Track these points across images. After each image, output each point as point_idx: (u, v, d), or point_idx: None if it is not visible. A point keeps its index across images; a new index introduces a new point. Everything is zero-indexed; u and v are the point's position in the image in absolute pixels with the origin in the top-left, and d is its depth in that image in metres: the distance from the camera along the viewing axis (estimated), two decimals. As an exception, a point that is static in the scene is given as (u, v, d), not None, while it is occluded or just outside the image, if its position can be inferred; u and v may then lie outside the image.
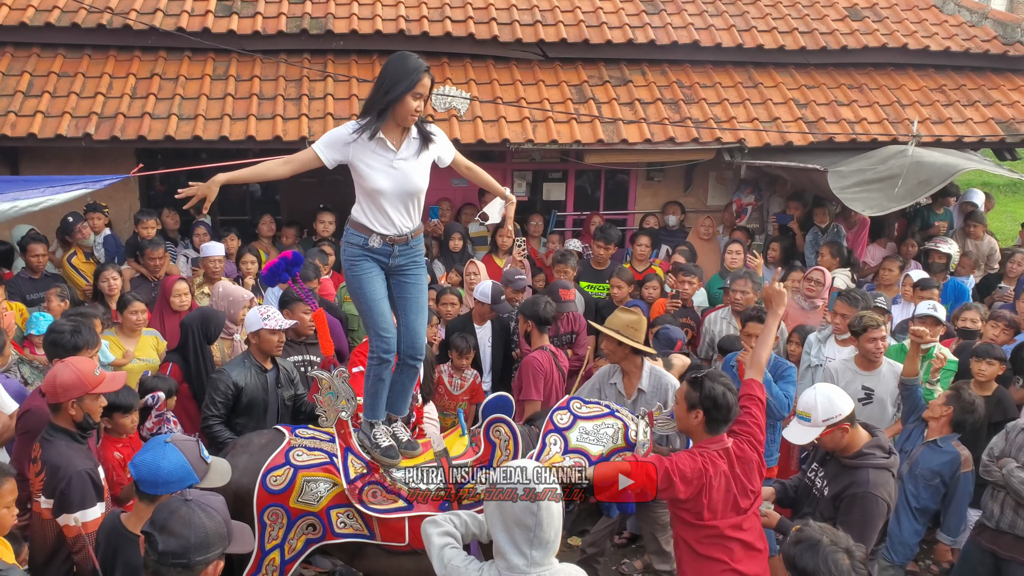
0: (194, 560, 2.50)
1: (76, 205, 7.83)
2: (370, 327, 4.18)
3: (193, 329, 5.67)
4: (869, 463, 3.99)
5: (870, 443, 4.05)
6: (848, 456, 4.06)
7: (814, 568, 2.79)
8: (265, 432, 4.54)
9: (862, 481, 3.93)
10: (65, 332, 4.66)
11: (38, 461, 3.87)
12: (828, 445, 4.12)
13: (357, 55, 9.27)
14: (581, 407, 4.56)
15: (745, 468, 3.76)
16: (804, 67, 10.02)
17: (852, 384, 5.56)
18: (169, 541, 2.50)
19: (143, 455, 3.27)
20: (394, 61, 3.94)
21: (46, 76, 8.46)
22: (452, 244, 8.32)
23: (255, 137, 8.13)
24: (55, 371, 3.95)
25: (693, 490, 3.68)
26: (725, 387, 3.75)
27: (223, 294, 6.43)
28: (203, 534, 2.53)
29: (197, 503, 2.60)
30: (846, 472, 4.04)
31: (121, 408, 4.53)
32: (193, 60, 8.96)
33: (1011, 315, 6.56)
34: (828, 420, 4.00)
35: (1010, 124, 9.53)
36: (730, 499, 3.71)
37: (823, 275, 7.06)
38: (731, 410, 3.78)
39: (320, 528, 4.16)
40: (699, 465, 3.69)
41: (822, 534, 2.87)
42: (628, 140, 8.74)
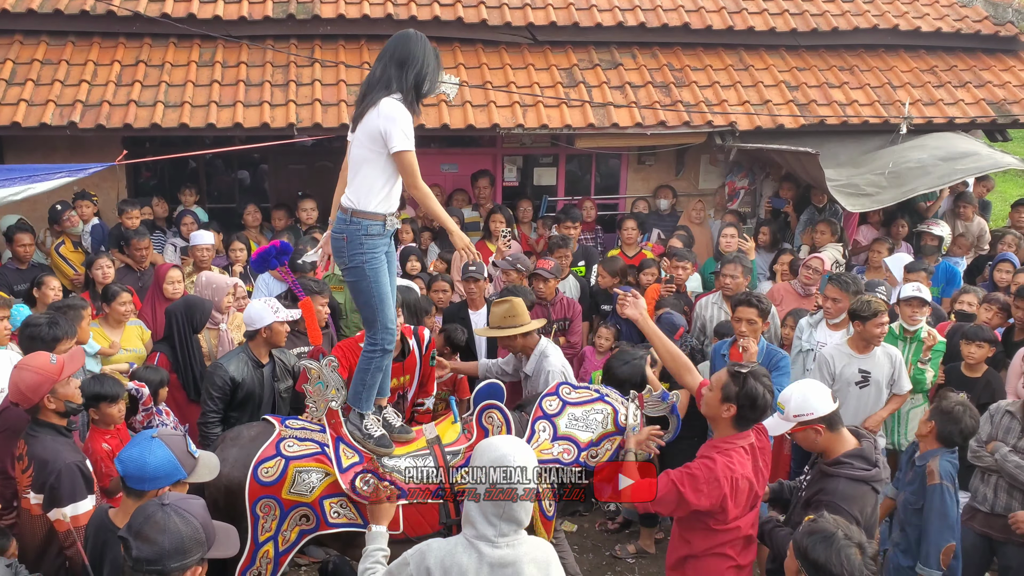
0: (169, 567, 2.46)
1: (64, 194, 7.77)
2: (377, 320, 4.16)
3: (178, 318, 5.62)
4: (844, 473, 3.74)
5: (851, 452, 3.80)
6: (826, 462, 3.85)
7: (826, 560, 2.77)
8: (254, 424, 4.51)
9: (830, 490, 3.72)
10: (42, 325, 4.61)
11: (24, 458, 3.84)
12: (802, 443, 3.97)
13: (344, 40, 9.18)
14: (570, 392, 4.55)
15: (765, 459, 3.74)
16: (795, 49, 9.98)
17: (849, 367, 5.55)
18: (143, 548, 2.45)
19: (129, 451, 3.23)
20: (422, 50, 4.01)
21: (29, 64, 8.35)
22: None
23: (242, 124, 8.05)
24: (15, 379, 3.90)
25: (711, 500, 3.54)
26: (766, 388, 3.62)
27: (206, 282, 6.39)
28: (178, 540, 2.48)
29: (174, 507, 2.54)
30: (821, 479, 3.84)
31: (107, 398, 4.50)
32: (179, 47, 8.85)
33: (1005, 298, 6.56)
34: (799, 416, 3.80)
35: (1001, 105, 9.51)
36: (751, 496, 3.67)
37: (821, 263, 7.05)
38: (765, 411, 3.68)
39: (314, 519, 4.14)
40: (716, 472, 3.54)
41: (836, 527, 2.85)
42: (619, 124, 8.69)
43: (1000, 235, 8.62)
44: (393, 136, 3.87)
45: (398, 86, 3.95)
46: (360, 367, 4.28)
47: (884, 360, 5.62)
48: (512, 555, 2.83)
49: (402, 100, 3.95)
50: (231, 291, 6.22)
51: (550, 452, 4.30)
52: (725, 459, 3.59)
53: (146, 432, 3.35)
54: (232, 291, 6.23)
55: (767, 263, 8.43)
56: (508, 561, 2.82)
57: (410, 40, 4.01)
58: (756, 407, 3.62)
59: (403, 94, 3.95)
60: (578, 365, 6.64)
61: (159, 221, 8.58)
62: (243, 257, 7.42)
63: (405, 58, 3.97)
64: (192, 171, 9.95)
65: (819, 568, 2.79)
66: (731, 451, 3.63)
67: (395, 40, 4.05)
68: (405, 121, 3.91)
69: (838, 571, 2.76)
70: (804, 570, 2.84)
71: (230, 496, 4.07)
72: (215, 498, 4.07)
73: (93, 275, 6.55)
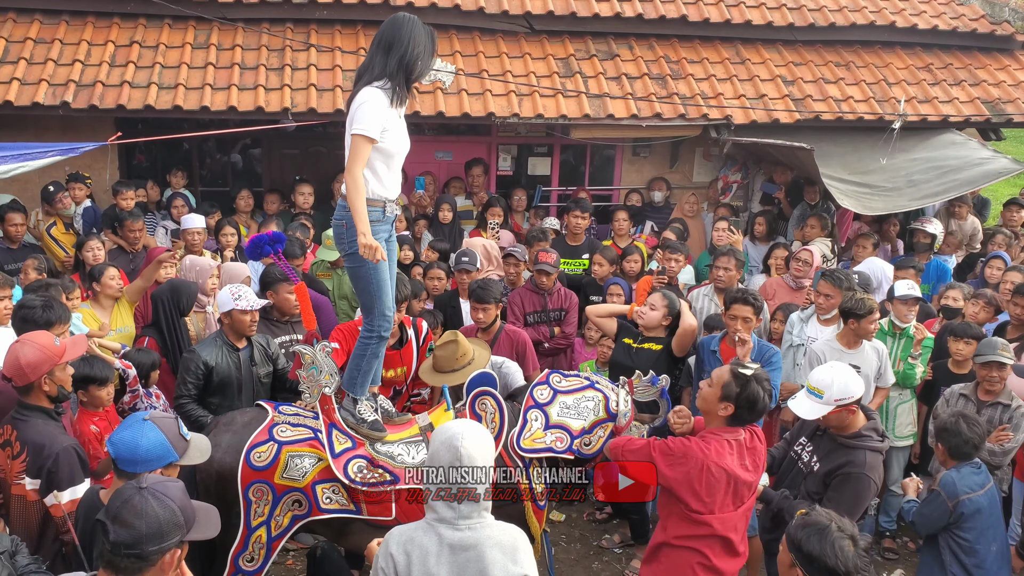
0: (147, 550, 2.45)
1: (56, 174, 7.73)
2: (375, 307, 4.16)
3: (163, 301, 5.62)
4: (866, 445, 4.06)
5: (867, 426, 4.12)
6: (846, 436, 4.11)
7: (820, 553, 2.79)
8: (248, 410, 4.50)
9: (859, 462, 4.00)
10: (36, 308, 4.52)
11: (14, 443, 3.76)
12: (831, 423, 4.15)
13: (341, 25, 9.14)
14: (561, 381, 4.57)
15: (753, 459, 3.77)
16: (792, 44, 9.98)
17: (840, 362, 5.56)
18: (120, 532, 2.44)
19: (121, 433, 3.22)
20: (411, 32, 3.95)
21: (22, 42, 8.28)
22: (442, 216, 8.26)
23: (236, 108, 8.00)
24: (15, 352, 3.81)
25: (675, 474, 3.65)
26: (767, 393, 3.73)
27: (190, 266, 6.38)
28: (156, 524, 2.47)
29: (151, 491, 2.53)
30: (842, 451, 4.09)
31: (96, 380, 4.47)
32: (173, 28, 8.79)
33: (992, 293, 6.59)
34: (840, 400, 4.04)
35: (996, 104, 9.54)
36: (730, 491, 3.69)
37: (811, 255, 7.06)
38: (761, 415, 3.79)
39: (306, 504, 4.14)
40: (689, 450, 3.65)
41: (830, 520, 2.87)
42: (614, 115, 8.68)
43: (991, 234, 8.65)
44: (355, 119, 3.87)
45: (381, 71, 3.93)
46: (356, 352, 4.28)
47: (872, 355, 5.67)
48: (473, 538, 2.82)
49: (385, 86, 3.91)
50: (215, 273, 6.20)
51: (543, 441, 4.31)
52: (702, 443, 3.69)
53: (138, 414, 3.33)
54: (216, 273, 6.22)
55: (760, 256, 8.45)
56: (469, 544, 2.81)
57: (397, 23, 3.97)
58: (755, 410, 3.72)
59: (388, 79, 3.92)
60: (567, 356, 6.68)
61: (151, 204, 8.54)
62: (233, 242, 7.39)
63: (391, 42, 3.93)
64: (185, 154, 9.90)
65: (813, 560, 2.81)
66: (711, 439, 3.72)
67: (385, 24, 4.02)
68: (372, 106, 3.86)
69: (832, 563, 2.78)
70: (798, 563, 2.85)
71: (222, 482, 4.07)
72: (207, 484, 4.07)
73: (83, 257, 6.52)
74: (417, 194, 8.78)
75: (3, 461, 3.81)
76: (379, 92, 3.89)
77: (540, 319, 6.48)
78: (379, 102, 3.88)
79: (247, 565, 4.12)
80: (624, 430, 4.38)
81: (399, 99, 3.96)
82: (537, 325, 6.47)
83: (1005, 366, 5.06)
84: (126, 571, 2.46)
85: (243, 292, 5.07)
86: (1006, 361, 5.03)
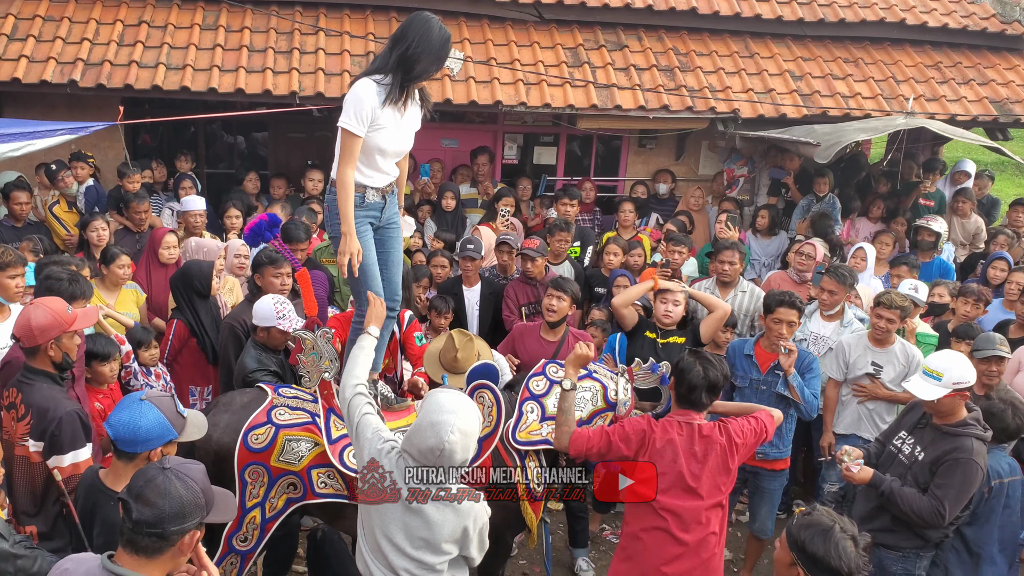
0: (169, 530, 2.47)
1: (61, 153, 7.72)
2: (362, 292, 4.13)
3: (177, 287, 5.66)
4: (972, 432, 4.15)
5: (971, 416, 4.23)
6: (951, 424, 4.21)
7: (824, 553, 2.79)
8: (248, 391, 4.50)
9: (966, 448, 4.10)
10: (63, 280, 4.57)
11: (19, 406, 3.82)
12: (942, 408, 4.22)
13: (350, 9, 9.13)
14: (557, 371, 4.54)
15: (705, 448, 3.74)
16: (801, 39, 9.95)
17: (863, 358, 5.54)
18: (144, 511, 2.46)
19: (119, 414, 3.23)
20: (420, 31, 3.81)
21: (31, 20, 8.28)
22: (445, 204, 8.26)
23: (244, 90, 8.00)
24: (28, 314, 3.87)
25: (634, 448, 3.75)
26: (704, 368, 3.74)
27: (196, 248, 6.38)
28: (179, 504, 2.49)
29: (175, 472, 2.55)
30: (947, 439, 4.18)
31: (99, 356, 4.51)
32: (182, 8, 8.78)
33: (978, 287, 6.61)
34: (958, 384, 4.13)
35: (1004, 104, 9.51)
36: (676, 472, 3.70)
37: (814, 248, 7.06)
38: (694, 390, 3.75)
39: (301, 488, 4.15)
40: (642, 426, 3.78)
41: (832, 521, 2.88)
42: (622, 106, 8.67)
43: (994, 234, 8.63)
44: (343, 111, 3.82)
45: (381, 64, 3.87)
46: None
47: (900, 357, 5.52)
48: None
49: (382, 80, 3.83)
50: (222, 255, 6.20)
51: (539, 433, 4.30)
52: (648, 421, 3.82)
53: (134, 395, 3.35)
54: (223, 254, 6.21)
55: (764, 249, 8.45)
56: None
57: (413, 20, 3.87)
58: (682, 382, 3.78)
59: (386, 74, 3.85)
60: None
61: (157, 185, 8.54)
62: (238, 224, 7.38)
63: (399, 37, 3.85)
64: (191, 135, 9.89)
65: (817, 561, 2.81)
66: (663, 420, 3.81)
67: (404, 20, 3.95)
68: (356, 98, 3.79)
69: (836, 564, 2.78)
70: (800, 563, 2.85)
71: (219, 461, 4.09)
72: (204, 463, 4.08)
73: (88, 236, 6.53)
74: (422, 181, 8.78)
75: (8, 423, 3.88)
76: (370, 85, 3.82)
77: (534, 310, 6.46)
78: (366, 95, 3.79)
79: (240, 545, 4.15)
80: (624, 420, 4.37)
81: (393, 97, 3.85)
82: (532, 316, 6.46)
83: (1004, 360, 5.09)
84: (146, 550, 2.48)
85: (287, 311, 4.81)
86: (1005, 355, 5.07)
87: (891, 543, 4.31)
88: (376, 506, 3.16)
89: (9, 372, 4.20)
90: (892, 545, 4.32)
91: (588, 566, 5.64)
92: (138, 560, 2.48)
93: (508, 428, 4.28)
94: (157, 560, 2.50)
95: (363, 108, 3.78)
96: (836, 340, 5.89)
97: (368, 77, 3.85)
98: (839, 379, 5.69)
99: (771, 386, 5.26)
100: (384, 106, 3.84)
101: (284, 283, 5.48)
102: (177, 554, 2.54)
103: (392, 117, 3.91)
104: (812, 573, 2.83)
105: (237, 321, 5.38)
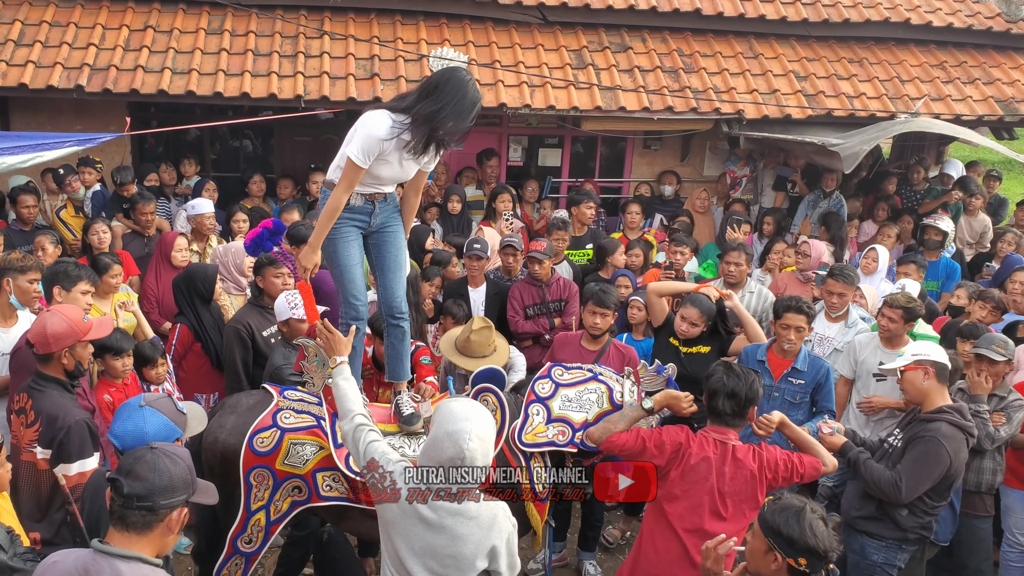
0: (159, 503, 2.52)
1: (68, 158, 7.75)
2: (339, 293, 4.13)
3: (180, 290, 5.68)
4: (944, 417, 4.28)
5: (951, 406, 4.35)
6: (927, 412, 4.35)
7: (800, 534, 2.81)
8: (254, 392, 4.53)
9: (933, 429, 4.24)
10: (70, 263, 4.76)
11: (29, 412, 3.85)
12: (908, 389, 4.43)
13: (355, 13, 9.15)
14: (563, 374, 4.55)
15: (735, 471, 3.72)
16: (805, 39, 9.94)
17: (872, 358, 5.50)
18: (134, 484, 2.51)
19: (123, 425, 3.28)
20: (456, 93, 3.64)
21: (38, 25, 8.33)
22: (451, 207, 8.28)
23: (249, 94, 8.03)
24: (44, 321, 3.92)
25: (667, 457, 3.75)
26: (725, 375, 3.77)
27: (224, 251, 6.47)
28: (167, 477, 2.55)
29: (162, 450, 2.61)
30: (920, 424, 4.34)
31: (112, 350, 4.59)
32: (188, 13, 8.83)
33: (1000, 294, 6.57)
34: (917, 356, 4.35)
35: (1009, 103, 9.49)
36: (706, 489, 3.68)
37: (809, 247, 7.06)
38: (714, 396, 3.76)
39: (306, 491, 4.17)
40: (679, 438, 3.76)
41: (803, 502, 2.91)
42: (626, 108, 8.68)
43: (1001, 233, 8.59)
44: (351, 140, 3.75)
45: (409, 107, 3.70)
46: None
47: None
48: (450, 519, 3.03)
49: (402, 122, 3.68)
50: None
51: (545, 435, 4.30)
52: (687, 434, 3.80)
53: (131, 402, 3.40)
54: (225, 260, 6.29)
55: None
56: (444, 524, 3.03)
57: (449, 79, 3.67)
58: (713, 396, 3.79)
59: (410, 119, 3.69)
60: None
61: (166, 188, 8.56)
62: (245, 227, 7.40)
63: (432, 90, 3.67)
64: (196, 139, 9.93)
65: (793, 542, 2.82)
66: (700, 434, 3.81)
67: (442, 71, 3.79)
68: (370, 135, 3.68)
69: (812, 543, 2.80)
70: (776, 547, 2.86)
71: (225, 462, 4.11)
72: (211, 464, 4.11)
73: (89, 240, 6.56)
74: (427, 184, 8.79)
75: (17, 428, 3.91)
76: (385, 120, 3.70)
77: (540, 311, 6.47)
78: (378, 130, 3.68)
79: (245, 547, 4.18)
80: None
81: (411, 147, 3.71)
82: (537, 317, 6.46)
83: (996, 363, 5.00)
84: (136, 526, 2.53)
85: (299, 302, 4.96)
86: (996, 358, 5.00)
87: (874, 532, 4.40)
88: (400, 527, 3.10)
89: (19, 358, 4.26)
90: (875, 534, 4.41)
91: (595, 570, 5.63)
92: (128, 536, 2.53)
93: (514, 430, 4.29)
94: (147, 536, 2.55)
95: (372, 143, 3.71)
96: (841, 341, 5.88)
97: (386, 112, 3.73)
98: (849, 376, 5.69)
99: (783, 393, 5.20)
100: (395, 146, 3.74)
101: (286, 283, 5.54)
102: (166, 531, 2.58)
103: (398, 155, 3.83)
104: (789, 555, 2.84)
105: (241, 324, 5.43)
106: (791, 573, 2.86)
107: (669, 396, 4.20)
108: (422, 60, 8.61)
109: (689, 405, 4.18)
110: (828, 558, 2.82)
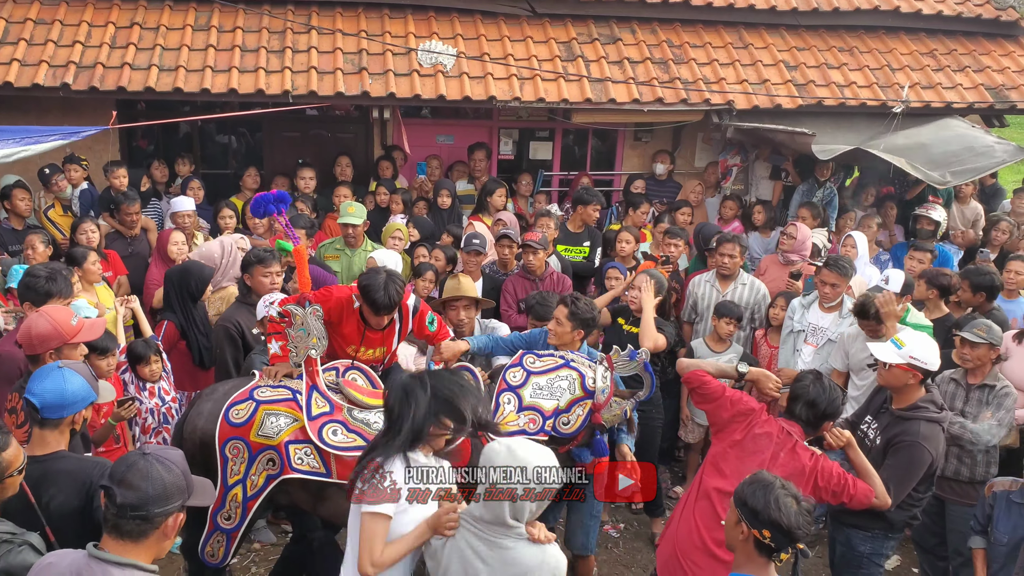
0: (153, 512, 2.50)
1: (54, 156, 7.70)
2: None
3: (173, 284, 5.64)
4: (921, 415, 4.27)
5: (924, 398, 4.34)
6: (902, 408, 4.35)
7: (764, 505, 2.85)
8: (232, 380, 4.60)
9: (912, 431, 4.23)
10: (40, 277, 4.68)
11: (19, 412, 3.84)
12: (891, 380, 4.36)
13: (342, 8, 9.10)
14: (534, 362, 4.55)
15: (788, 463, 3.84)
16: (795, 28, 9.92)
17: (863, 351, 5.47)
18: (127, 494, 2.48)
19: (43, 383, 3.27)
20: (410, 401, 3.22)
21: (22, 23, 8.26)
22: (440, 201, 8.24)
23: (237, 90, 7.98)
24: (30, 322, 3.93)
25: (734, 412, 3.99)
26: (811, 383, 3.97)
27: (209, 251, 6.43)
28: (161, 486, 2.52)
29: (155, 456, 2.58)
30: (898, 423, 4.33)
31: (97, 350, 4.58)
32: (174, 9, 8.76)
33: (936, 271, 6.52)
34: (914, 360, 4.25)
35: (999, 90, 9.48)
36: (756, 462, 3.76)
37: (796, 229, 7.06)
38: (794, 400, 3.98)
39: (279, 463, 4.15)
40: (753, 405, 4.02)
41: (775, 479, 2.96)
42: (616, 100, 8.64)
43: (995, 221, 8.58)
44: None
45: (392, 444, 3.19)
46: None
47: None
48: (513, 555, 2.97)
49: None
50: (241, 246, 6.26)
51: (516, 424, 4.30)
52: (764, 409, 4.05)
53: (50, 365, 3.42)
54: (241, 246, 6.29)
55: (760, 244, 8.43)
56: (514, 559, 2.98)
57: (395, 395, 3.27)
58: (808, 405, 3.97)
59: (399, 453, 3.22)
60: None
61: (159, 186, 8.50)
62: (232, 224, 7.39)
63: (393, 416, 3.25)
64: (185, 136, 9.87)
65: (757, 513, 2.86)
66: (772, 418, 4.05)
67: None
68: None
69: (776, 516, 2.83)
70: (743, 518, 2.90)
71: (204, 447, 4.15)
72: (192, 452, 4.10)
73: (78, 239, 6.53)
74: (419, 179, 8.77)
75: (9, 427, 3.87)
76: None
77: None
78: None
79: (225, 523, 4.20)
80: (604, 407, 4.36)
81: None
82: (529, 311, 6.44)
83: (977, 346, 5.01)
84: (131, 534, 2.51)
85: (275, 298, 5.09)
86: (977, 341, 5.00)
87: (860, 523, 4.40)
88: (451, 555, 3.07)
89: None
90: (861, 525, 4.41)
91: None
92: (124, 545, 2.51)
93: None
94: (143, 544, 2.53)
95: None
96: (835, 331, 5.89)
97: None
98: (842, 369, 5.70)
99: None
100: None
101: (274, 282, 5.53)
102: (162, 537, 2.57)
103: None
104: (753, 527, 2.87)
105: (230, 322, 5.43)
106: (758, 546, 2.89)
107: (762, 373, 4.41)
108: (410, 54, 8.57)
109: (775, 389, 4.37)
110: (794, 536, 2.85)
